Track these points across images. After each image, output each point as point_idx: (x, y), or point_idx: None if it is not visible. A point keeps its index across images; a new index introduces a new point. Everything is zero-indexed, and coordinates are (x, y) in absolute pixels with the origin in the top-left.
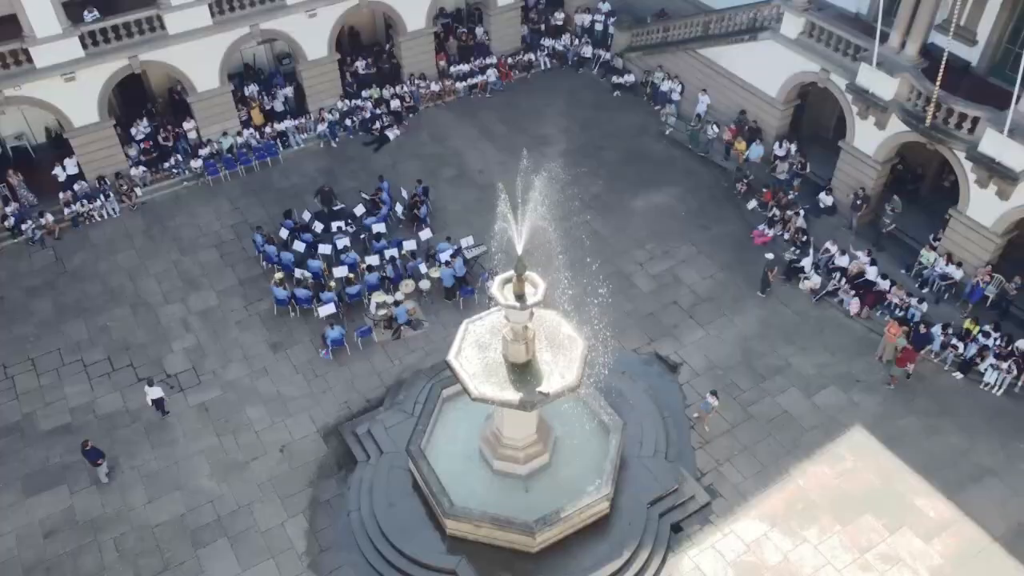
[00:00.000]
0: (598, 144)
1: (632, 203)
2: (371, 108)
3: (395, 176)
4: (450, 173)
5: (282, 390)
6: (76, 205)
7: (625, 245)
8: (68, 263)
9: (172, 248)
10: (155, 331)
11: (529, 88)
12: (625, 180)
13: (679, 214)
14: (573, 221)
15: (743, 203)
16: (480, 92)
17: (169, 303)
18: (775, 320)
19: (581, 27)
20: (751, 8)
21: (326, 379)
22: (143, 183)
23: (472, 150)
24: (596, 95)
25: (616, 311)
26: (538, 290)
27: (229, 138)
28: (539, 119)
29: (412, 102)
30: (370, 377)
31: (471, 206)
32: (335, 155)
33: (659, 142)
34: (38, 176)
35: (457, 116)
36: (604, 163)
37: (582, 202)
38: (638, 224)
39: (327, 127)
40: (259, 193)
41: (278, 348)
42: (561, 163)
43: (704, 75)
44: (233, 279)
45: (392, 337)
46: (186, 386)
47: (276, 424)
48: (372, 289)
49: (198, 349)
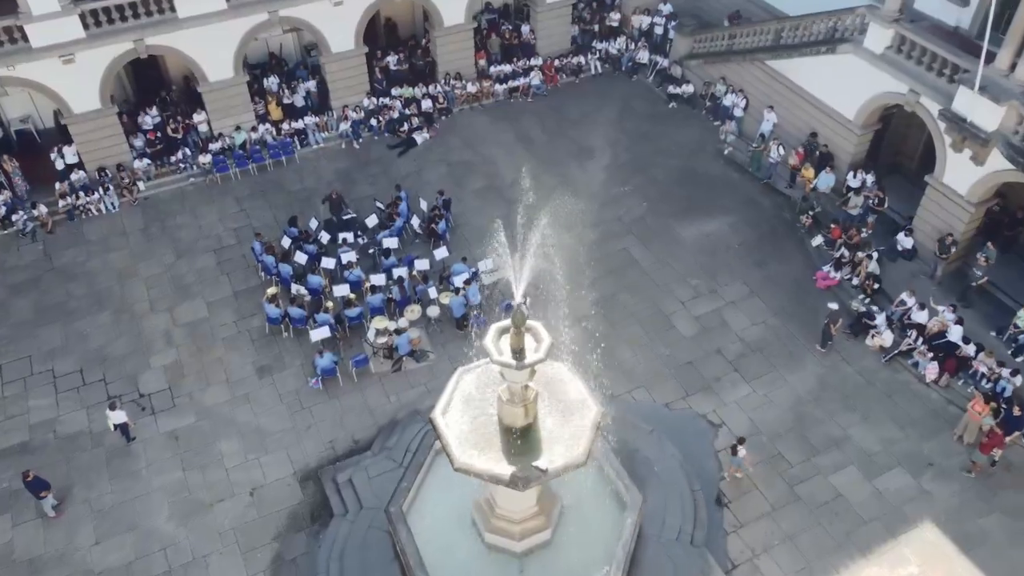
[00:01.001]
0: (647, 160)
1: (679, 230)
2: (400, 108)
3: (418, 184)
4: (478, 184)
5: (262, 422)
6: (72, 197)
7: (667, 279)
8: (57, 259)
9: (168, 250)
10: (135, 343)
11: (576, 94)
12: (674, 203)
13: (732, 246)
14: (610, 247)
15: (807, 239)
16: (521, 96)
17: (155, 312)
18: (835, 381)
19: (638, 30)
20: (831, 16)
21: (312, 413)
22: (146, 177)
23: (506, 159)
24: (650, 106)
25: (649, 356)
26: (541, 346)
27: (243, 133)
28: (584, 129)
29: (446, 103)
30: (362, 414)
31: (497, 223)
32: (356, 157)
33: (716, 162)
34: (40, 163)
35: (494, 121)
36: (652, 182)
37: (622, 225)
38: (684, 255)
39: (350, 126)
40: (269, 194)
41: (265, 372)
42: (603, 179)
43: (772, 90)
44: (227, 289)
45: (392, 369)
46: (159, 409)
47: (250, 462)
48: (375, 312)
49: (177, 367)
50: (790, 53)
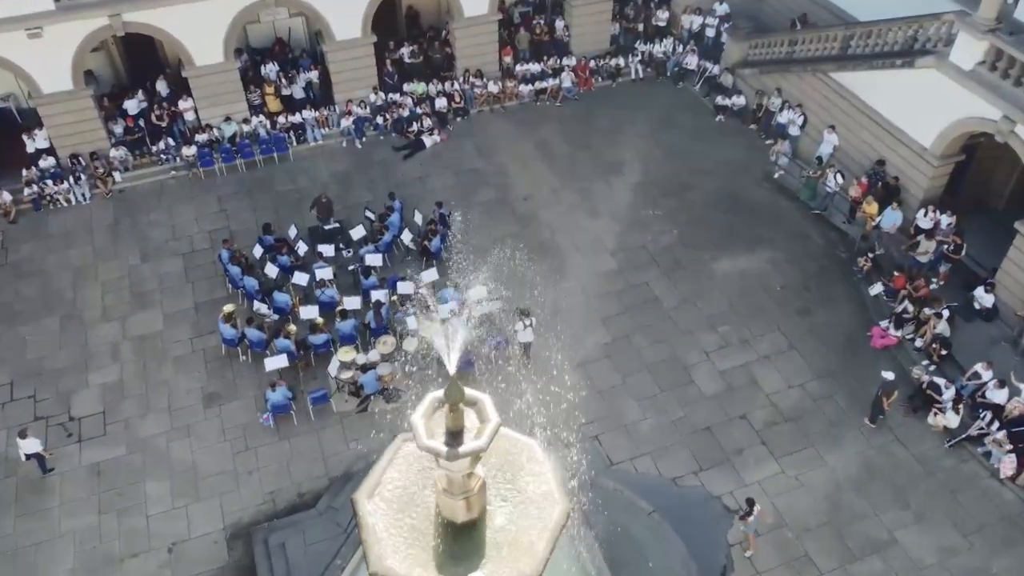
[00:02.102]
0: (684, 180)
1: (713, 264)
2: (411, 106)
3: (420, 193)
4: (487, 196)
5: (200, 461)
6: (39, 185)
7: (691, 322)
8: (12, 253)
9: (134, 251)
10: (78, 355)
11: (611, 100)
12: (710, 232)
13: (773, 289)
14: (629, 279)
15: (864, 286)
16: (549, 99)
17: (106, 321)
18: (884, 466)
19: (688, 31)
20: (911, 23)
21: (257, 455)
22: (123, 167)
23: (522, 170)
24: (694, 117)
25: (660, 416)
26: (485, 429)
27: (233, 125)
28: (616, 140)
29: (462, 103)
30: (314, 461)
31: (503, 243)
32: (357, 158)
33: (764, 187)
34: (17, 146)
35: (514, 126)
36: (686, 206)
37: (646, 255)
38: (715, 294)
39: (353, 123)
40: (255, 195)
41: (212, 401)
42: (630, 200)
43: (835, 107)
44: (189, 300)
45: (356, 409)
46: (87, 436)
47: (176, 510)
48: (345, 341)
49: (118, 387)
50: (859, 65)
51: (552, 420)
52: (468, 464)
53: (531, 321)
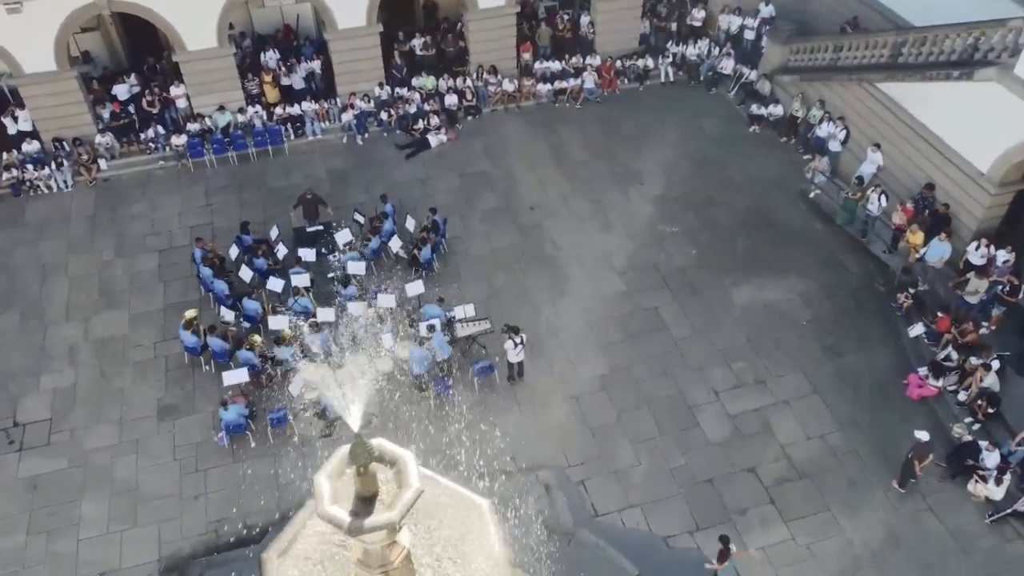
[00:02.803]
0: (709, 195)
1: (733, 291)
2: (419, 102)
3: (420, 196)
4: (491, 203)
5: (144, 481)
6: (19, 170)
7: (702, 356)
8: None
9: (109, 244)
10: (33, 356)
11: (637, 104)
12: (732, 255)
13: (799, 323)
14: (637, 303)
15: (903, 326)
16: (569, 100)
17: (69, 320)
18: (912, 539)
19: (725, 33)
20: (971, 29)
21: (207, 478)
22: (109, 155)
23: (532, 176)
24: (726, 126)
25: (657, 463)
26: (401, 498)
27: (227, 115)
28: (639, 147)
29: (475, 101)
30: (267, 489)
31: (502, 255)
32: (356, 155)
33: (797, 207)
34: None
35: (529, 128)
36: (709, 224)
37: (659, 276)
38: (732, 326)
39: (355, 118)
40: (245, 190)
41: (167, 415)
42: (648, 214)
43: (881, 122)
44: (159, 301)
45: (321, 434)
46: (29, 445)
47: (111, 535)
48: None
49: (70, 394)
50: (910, 76)
51: (532, 459)
52: (385, 535)
53: (522, 339)
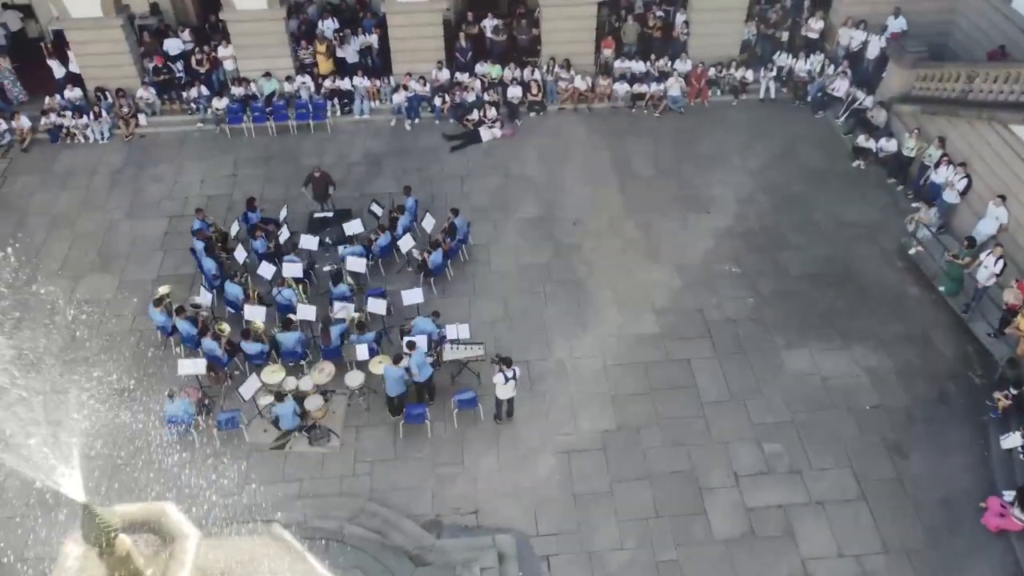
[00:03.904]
0: (785, 236)
1: (786, 354)
2: (478, 90)
3: (454, 194)
4: (530, 211)
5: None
6: (58, 115)
7: (731, 427)
8: (8, 185)
9: (123, 204)
10: (7, 307)
11: (726, 120)
12: (797, 309)
13: (861, 406)
14: (667, 351)
15: (995, 432)
16: (648, 107)
17: (60, 276)
18: None
19: (845, 49)
20: None
21: (139, 475)
22: (151, 110)
23: (584, 188)
24: (825, 158)
25: (643, 552)
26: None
27: (273, 82)
28: (715, 169)
29: (541, 96)
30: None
31: (528, 273)
32: (401, 140)
33: (891, 263)
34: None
35: (595, 132)
36: (777, 270)
37: (703, 323)
38: (776, 397)
39: (407, 100)
40: (275, 164)
41: (128, 393)
42: (707, 248)
43: (1011, 173)
44: (153, 271)
45: (272, 444)
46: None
47: (19, 522)
48: (287, 357)
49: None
50: None
51: (496, 517)
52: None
53: (514, 373)
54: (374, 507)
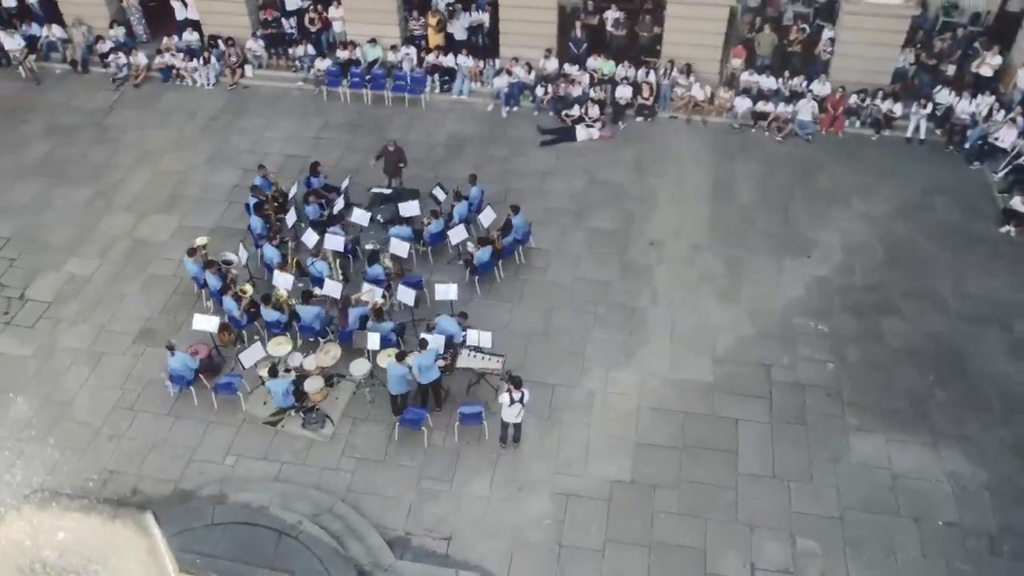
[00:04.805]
0: (893, 301)
1: (855, 437)
2: (585, 85)
3: (532, 190)
4: (606, 223)
5: (80, 399)
6: (171, 55)
7: (764, 511)
8: (114, 116)
9: (206, 150)
10: (79, 235)
11: (858, 156)
12: (880, 390)
13: (932, 518)
14: (714, 405)
15: None
16: (770, 128)
17: (127, 211)
18: None
19: (1022, 94)
20: None
21: (134, 421)
22: (257, 63)
23: (673, 206)
24: (966, 216)
25: None
26: None
27: (378, 49)
28: (829, 210)
29: (652, 100)
30: (179, 458)
31: (584, 289)
32: (492, 127)
33: (1018, 358)
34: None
35: (703, 148)
36: (873, 338)
37: (767, 383)
38: (829, 481)
39: (508, 86)
40: (361, 133)
41: (144, 339)
42: (795, 298)
43: None
44: (212, 219)
45: (265, 419)
46: (15, 322)
47: (16, 442)
48: (303, 332)
49: (80, 285)
50: None
51: (465, 551)
52: None
53: (523, 396)
54: (344, 509)
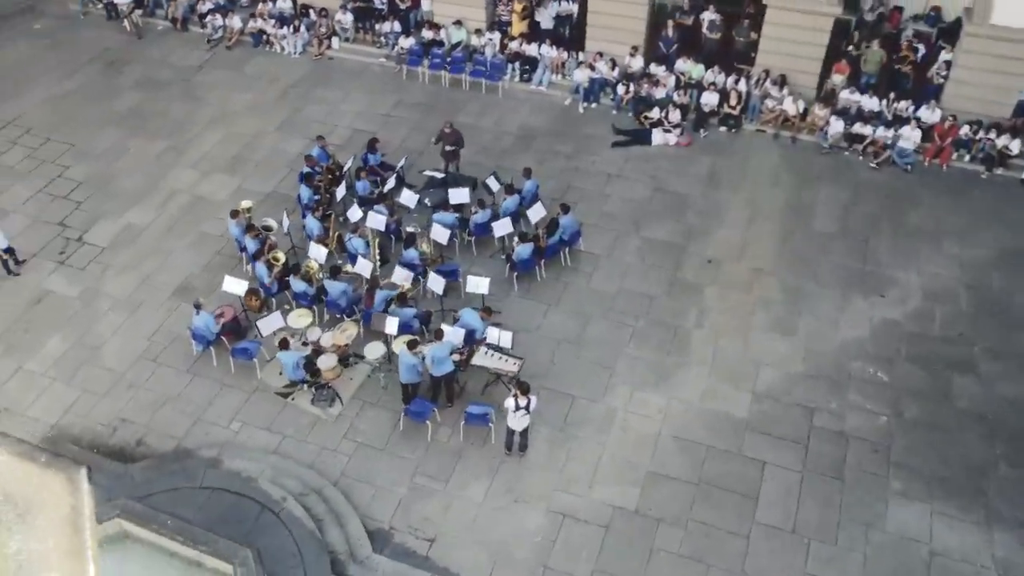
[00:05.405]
0: (972, 357)
1: (894, 503)
2: (670, 88)
3: (591, 192)
4: (663, 234)
5: (110, 345)
6: (262, 21)
7: (775, 565)
8: (203, 75)
9: (279, 117)
10: (141, 187)
11: (963, 195)
12: (935, 454)
13: None
14: (743, 444)
15: None
16: (866, 154)
17: (192, 168)
18: None
19: None
20: None
21: (155, 374)
22: (344, 36)
23: (740, 226)
24: None
25: None
26: None
27: (463, 32)
28: (915, 250)
29: (739, 110)
30: (189, 416)
31: (627, 301)
32: (565, 122)
33: None
34: None
35: (785, 167)
36: (939, 396)
37: (806, 427)
38: (855, 548)
39: (589, 81)
40: (433, 115)
41: (182, 295)
42: (856, 339)
43: None
44: (270, 185)
45: (277, 390)
46: (69, 263)
47: (43, 378)
48: (329, 307)
49: (135, 233)
50: None
51: (445, 557)
52: None
53: (529, 402)
54: (332, 492)
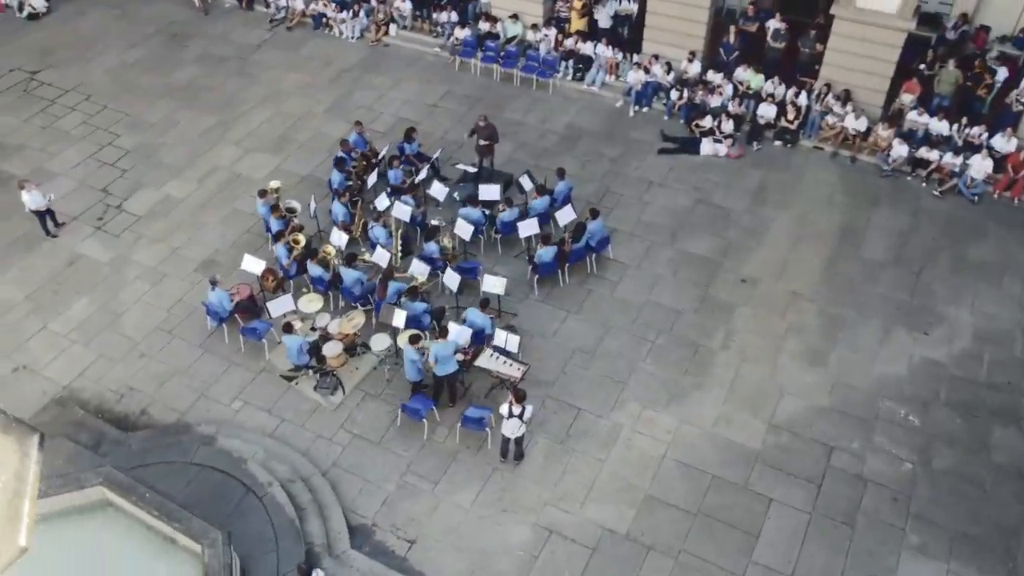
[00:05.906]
0: (1015, 407)
1: (911, 559)
2: (727, 96)
3: (628, 198)
4: (700, 248)
5: (134, 314)
6: (323, 4)
7: None
8: (260, 53)
9: (327, 100)
10: (183, 160)
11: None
12: (963, 511)
13: None
14: (752, 476)
15: None
16: (930, 180)
17: (237, 146)
18: None
19: None
20: None
21: (169, 346)
22: (402, 23)
23: (784, 246)
24: None
25: None
26: None
27: (518, 26)
28: (971, 286)
29: (797, 125)
30: (193, 391)
31: (651, 316)
32: (613, 124)
33: None
34: None
35: (841, 188)
36: (975, 448)
37: (823, 466)
38: None
39: (643, 84)
40: (479, 107)
41: (206, 269)
42: (890, 375)
43: None
44: (310, 166)
45: (282, 373)
46: (106, 229)
47: (64, 339)
48: (344, 295)
49: (171, 205)
50: None
51: (424, 560)
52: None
53: (524, 410)
54: (320, 482)
